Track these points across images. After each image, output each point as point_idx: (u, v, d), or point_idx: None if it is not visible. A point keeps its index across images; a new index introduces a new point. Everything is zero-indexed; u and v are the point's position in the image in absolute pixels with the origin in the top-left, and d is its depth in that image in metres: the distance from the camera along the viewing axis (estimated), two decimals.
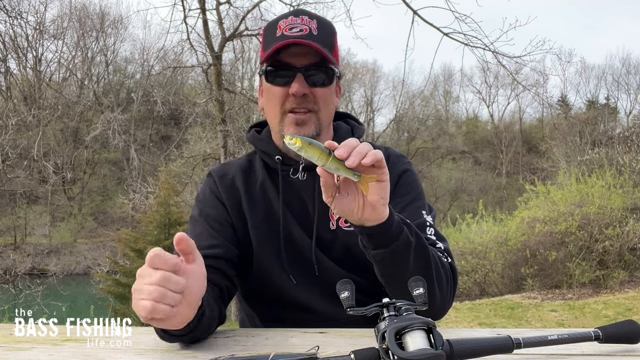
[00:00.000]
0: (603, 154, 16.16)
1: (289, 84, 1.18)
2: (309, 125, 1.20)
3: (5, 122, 14.63)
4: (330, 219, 1.25)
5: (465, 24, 8.72)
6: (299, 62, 1.18)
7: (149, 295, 0.80)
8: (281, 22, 1.20)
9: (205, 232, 1.23)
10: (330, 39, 1.22)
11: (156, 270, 0.80)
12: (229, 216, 1.27)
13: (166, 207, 11.75)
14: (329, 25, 1.25)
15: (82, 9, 29.93)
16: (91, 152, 28.75)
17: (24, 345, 0.98)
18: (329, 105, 1.24)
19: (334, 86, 1.25)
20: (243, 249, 1.26)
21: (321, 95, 1.21)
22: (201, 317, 0.95)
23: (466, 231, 12.77)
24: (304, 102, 1.19)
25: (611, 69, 34.20)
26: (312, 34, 1.18)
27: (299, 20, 1.20)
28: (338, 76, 1.27)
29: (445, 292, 1.13)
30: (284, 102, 1.20)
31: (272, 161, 1.28)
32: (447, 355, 0.72)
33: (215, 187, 1.31)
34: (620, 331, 0.86)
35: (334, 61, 1.21)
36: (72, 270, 22.18)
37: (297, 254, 1.25)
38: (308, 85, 1.19)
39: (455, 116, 39.30)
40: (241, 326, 1.44)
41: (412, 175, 1.31)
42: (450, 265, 1.18)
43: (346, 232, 1.25)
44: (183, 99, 20.03)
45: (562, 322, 8.72)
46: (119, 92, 31.12)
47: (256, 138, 1.33)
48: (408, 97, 33.84)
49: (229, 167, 1.34)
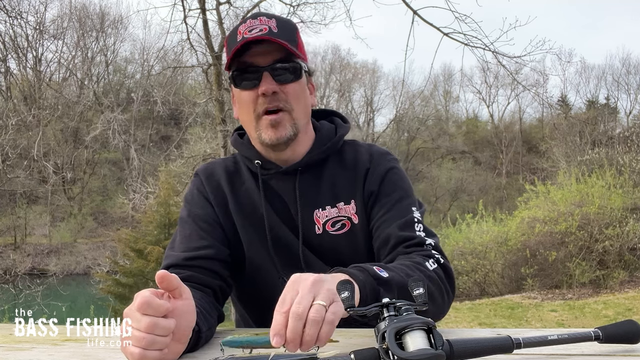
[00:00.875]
0: (603, 154, 16.17)
1: (257, 85, 1.16)
2: (283, 126, 1.18)
3: (5, 122, 14.64)
4: (316, 222, 1.23)
5: (465, 24, 8.69)
6: (263, 61, 1.16)
7: (138, 342, 0.79)
8: (241, 27, 1.19)
9: (194, 233, 1.22)
10: (292, 35, 1.20)
11: (145, 315, 0.79)
12: (217, 216, 1.25)
13: (166, 207, 11.75)
14: (289, 23, 1.24)
15: (82, 9, 29.95)
16: (91, 152, 28.75)
17: (24, 345, 0.98)
18: (301, 101, 1.21)
19: (304, 82, 1.22)
20: (234, 249, 1.25)
21: (291, 91, 1.18)
22: (198, 338, 0.94)
23: (466, 231, 12.77)
24: (275, 101, 1.16)
25: (611, 69, 34.16)
26: (272, 32, 1.16)
27: (257, 21, 1.18)
28: (307, 71, 1.23)
29: (440, 303, 1.10)
30: (255, 104, 1.18)
31: (253, 165, 1.26)
32: (447, 355, 0.72)
33: (203, 187, 1.29)
34: (620, 331, 0.86)
35: (299, 55, 1.18)
36: (72, 270, 22.17)
37: (287, 256, 1.23)
38: (276, 83, 1.16)
39: (455, 116, 39.32)
40: (237, 327, 1.44)
41: (398, 173, 1.27)
42: (442, 266, 1.13)
43: (334, 236, 1.23)
44: (183, 99, 20.01)
45: (562, 322, 8.72)
46: (119, 92, 31.12)
47: (238, 142, 1.32)
48: (408, 97, 33.86)
49: (215, 168, 1.33)
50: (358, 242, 1.24)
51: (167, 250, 1.24)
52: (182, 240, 1.22)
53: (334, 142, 1.28)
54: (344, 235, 1.23)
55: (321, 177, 1.26)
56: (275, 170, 1.24)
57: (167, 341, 0.82)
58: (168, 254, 1.22)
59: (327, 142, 1.28)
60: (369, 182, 1.24)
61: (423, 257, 1.11)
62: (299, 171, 1.24)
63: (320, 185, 1.25)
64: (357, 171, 1.26)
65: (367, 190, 1.24)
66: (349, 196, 1.24)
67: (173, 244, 1.24)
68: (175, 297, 0.85)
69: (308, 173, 1.25)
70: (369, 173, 1.25)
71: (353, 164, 1.27)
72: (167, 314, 0.81)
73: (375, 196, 1.23)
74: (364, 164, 1.26)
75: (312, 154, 1.26)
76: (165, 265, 1.18)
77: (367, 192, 1.24)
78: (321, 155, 1.26)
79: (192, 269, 1.15)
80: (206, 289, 1.14)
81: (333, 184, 1.25)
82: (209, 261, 1.17)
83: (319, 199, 1.24)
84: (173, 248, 1.22)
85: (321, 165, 1.27)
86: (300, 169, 1.24)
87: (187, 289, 0.87)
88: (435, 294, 1.06)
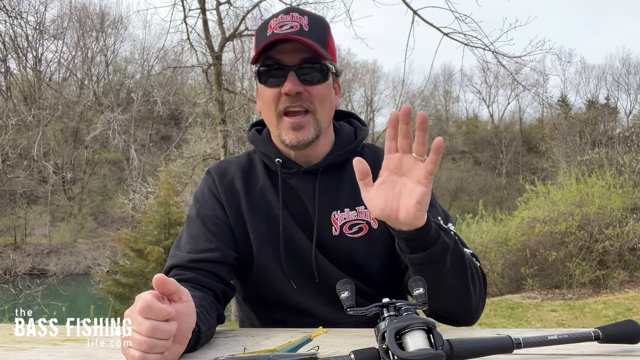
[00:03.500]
0: (603, 154, 16.17)
1: (282, 84, 1.14)
2: (307, 129, 1.16)
3: (5, 122, 14.63)
4: (333, 224, 1.22)
5: (465, 24, 8.73)
6: (290, 60, 1.14)
7: (139, 346, 0.79)
8: (272, 21, 1.17)
9: (201, 235, 1.21)
10: (323, 35, 1.18)
11: (146, 319, 0.79)
12: (227, 217, 1.24)
13: (166, 207, 11.76)
14: (321, 21, 1.21)
15: (82, 9, 29.97)
16: (91, 152, 28.75)
17: (24, 345, 0.98)
18: (326, 103, 1.19)
19: (330, 83, 1.20)
20: (242, 251, 1.24)
21: (317, 93, 1.16)
22: (197, 339, 0.94)
23: (466, 231, 12.76)
24: (298, 101, 1.14)
25: (611, 69, 34.25)
26: (302, 30, 1.14)
27: (289, 17, 1.16)
28: (335, 73, 1.22)
29: (479, 295, 1.11)
30: (277, 102, 1.16)
31: (272, 163, 1.24)
32: (447, 355, 0.72)
33: (214, 186, 1.27)
34: (620, 331, 0.86)
35: (327, 56, 1.16)
36: (72, 270, 22.17)
37: (298, 258, 1.22)
38: (301, 83, 1.14)
39: (455, 116, 39.34)
40: (241, 326, 1.43)
41: None
42: (480, 269, 1.16)
43: (350, 239, 1.21)
44: (183, 99, 20.01)
45: (562, 322, 8.72)
46: (119, 92, 31.12)
47: (256, 138, 1.29)
48: (408, 97, 33.81)
49: (228, 166, 1.30)
50: (375, 248, 1.22)
51: (172, 248, 1.24)
52: (188, 241, 1.21)
53: (355, 145, 1.27)
54: (361, 239, 1.22)
55: (341, 179, 1.24)
56: (296, 170, 1.23)
57: (168, 345, 0.82)
58: (173, 254, 1.21)
59: (348, 145, 1.27)
60: None
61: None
62: (320, 172, 1.23)
63: (340, 187, 1.24)
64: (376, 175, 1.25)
65: None
66: None
67: (179, 242, 1.23)
68: (175, 300, 0.84)
69: (328, 174, 1.24)
70: None
71: (374, 168, 1.26)
72: (169, 319, 0.81)
73: None
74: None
75: (333, 156, 1.24)
76: (169, 266, 1.18)
77: None
78: (342, 157, 1.25)
79: (195, 271, 1.14)
80: (208, 291, 1.13)
81: (353, 186, 1.22)
82: (214, 264, 1.17)
83: (338, 201, 1.23)
84: (179, 247, 1.22)
85: (341, 168, 1.25)
86: (321, 170, 1.23)
87: (186, 291, 0.87)
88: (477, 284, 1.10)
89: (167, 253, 10.63)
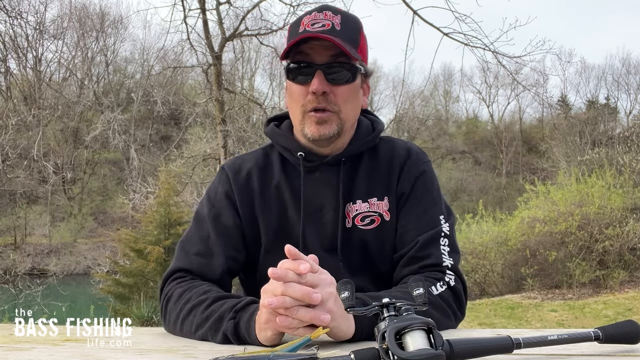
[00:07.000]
0: (603, 154, 16.18)
1: (309, 82, 1.15)
2: (330, 125, 1.16)
3: (5, 122, 14.62)
4: (346, 216, 1.22)
5: (465, 24, 8.70)
6: (320, 58, 1.14)
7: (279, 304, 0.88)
8: (305, 19, 1.17)
9: (211, 237, 1.21)
10: (354, 35, 1.18)
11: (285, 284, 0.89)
12: (239, 219, 1.23)
13: (166, 207, 11.73)
14: (354, 21, 1.21)
15: (82, 9, 29.96)
16: (91, 152, 28.76)
17: (24, 345, 0.98)
18: (350, 104, 1.19)
19: (357, 84, 1.20)
20: (250, 251, 1.25)
21: (342, 94, 1.16)
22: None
23: (466, 231, 12.77)
24: (323, 101, 1.15)
25: (611, 69, 34.24)
26: (334, 29, 1.14)
27: (322, 15, 1.16)
28: (364, 73, 1.22)
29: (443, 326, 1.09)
30: (304, 100, 1.16)
31: (293, 157, 1.24)
32: (447, 355, 0.72)
33: (229, 185, 1.26)
34: (620, 331, 0.86)
35: (357, 57, 1.16)
36: (72, 270, 22.18)
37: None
38: (328, 83, 1.14)
39: (455, 116, 39.35)
40: None
41: (430, 178, 1.26)
42: (451, 288, 1.13)
43: (362, 231, 1.22)
44: (183, 99, 20.03)
45: (562, 322, 8.72)
46: (119, 92, 31.13)
47: (276, 133, 1.28)
48: (408, 97, 33.82)
49: (244, 163, 1.29)
50: (386, 240, 1.22)
51: (179, 248, 1.24)
52: (197, 242, 1.22)
53: (373, 137, 1.27)
54: (373, 231, 1.22)
55: (357, 171, 1.25)
56: (319, 162, 1.23)
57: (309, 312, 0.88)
58: (179, 255, 1.22)
59: (366, 137, 1.27)
60: (402, 183, 1.23)
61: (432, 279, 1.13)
62: (342, 162, 1.23)
63: (356, 179, 1.24)
64: (391, 168, 1.25)
65: (399, 190, 1.23)
66: (383, 193, 1.23)
67: (187, 242, 1.24)
68: (315, 271, 0.91)
69: (347, 165, 1.24)
70: (403, 172, 1.24)
71: (388, 160, 1.25)
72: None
73: (405, 198, 1.23)
74: (399, 161, 1.25)
75: (353, 147, 1.24)
76: (174, 268, 1.20)
77: (399, 192, 1.23)
78: (360, 148, 1.25)
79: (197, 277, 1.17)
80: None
81: (368, 178, 1.24)
82: (218, 272, 1.19)
83: (353, 193, 1.23)
84: (187, 248, 1.22)
85: (358, 159, 1.26)
86: (343, 160, 1.23)
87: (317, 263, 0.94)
88: (435, 315, 1.06)
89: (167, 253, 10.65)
